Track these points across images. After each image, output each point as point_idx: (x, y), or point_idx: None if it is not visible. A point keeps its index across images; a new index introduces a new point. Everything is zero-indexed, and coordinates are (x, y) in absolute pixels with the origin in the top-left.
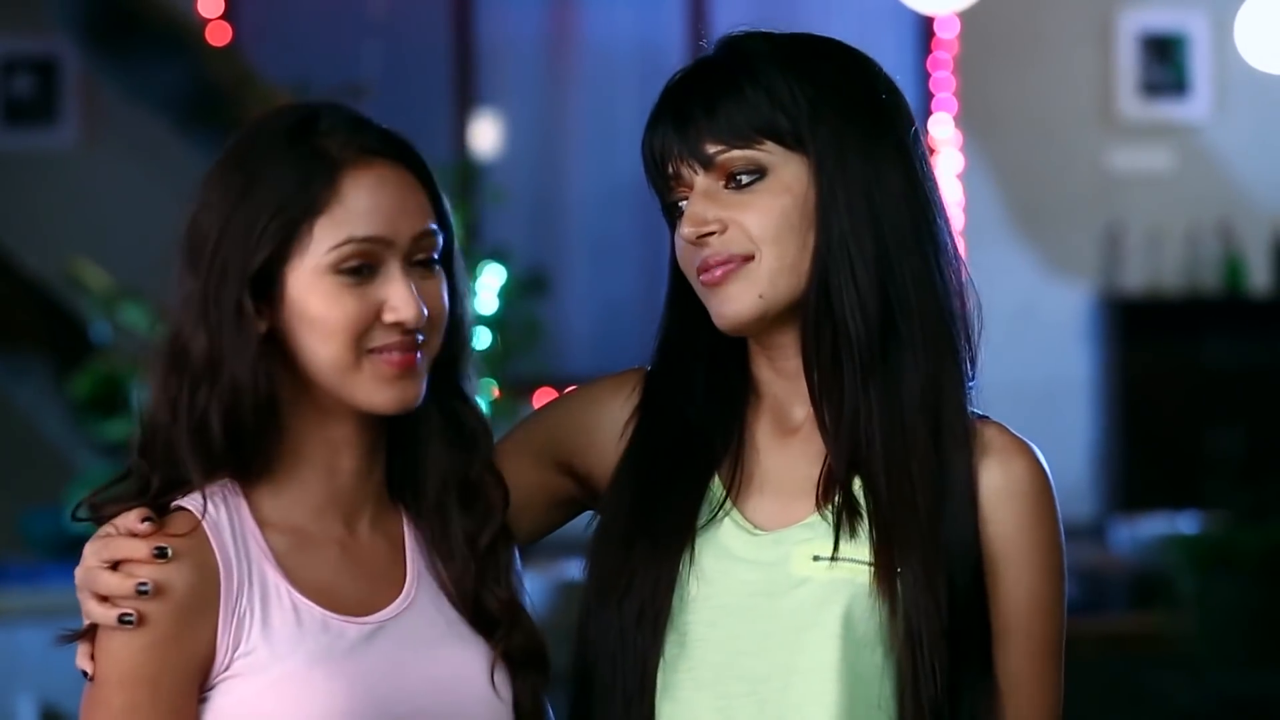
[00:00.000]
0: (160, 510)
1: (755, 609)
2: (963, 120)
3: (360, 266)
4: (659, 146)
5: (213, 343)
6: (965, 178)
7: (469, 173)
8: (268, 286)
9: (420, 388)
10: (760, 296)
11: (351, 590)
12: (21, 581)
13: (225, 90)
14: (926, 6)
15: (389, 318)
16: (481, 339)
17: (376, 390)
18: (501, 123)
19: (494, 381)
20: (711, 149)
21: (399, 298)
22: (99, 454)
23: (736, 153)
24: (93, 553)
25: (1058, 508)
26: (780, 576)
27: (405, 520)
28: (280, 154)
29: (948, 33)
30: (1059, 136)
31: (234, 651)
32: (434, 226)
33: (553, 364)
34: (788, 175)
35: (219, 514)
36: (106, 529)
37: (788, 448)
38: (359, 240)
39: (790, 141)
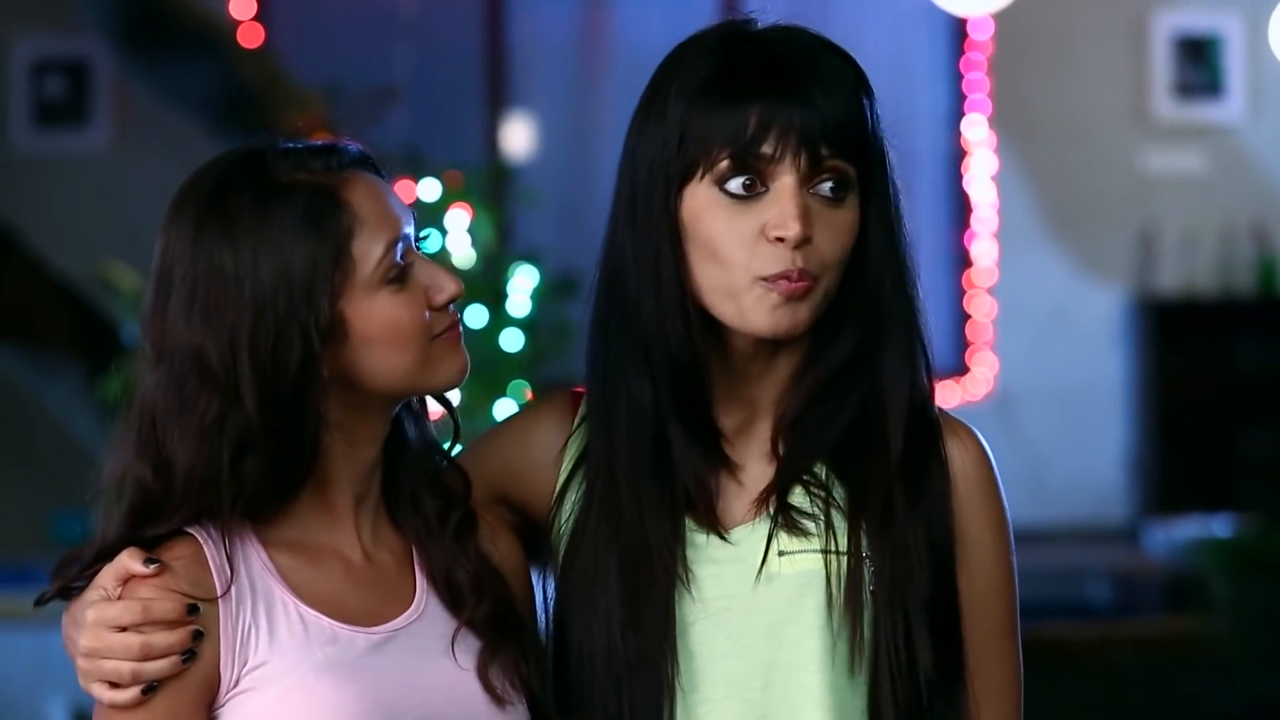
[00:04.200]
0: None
1: (726, 610)
2: (996, 122)
3: (404, 268)
4: (764, 119)
5: (265, 405)
6: (999, 180)
7: (501, 175)
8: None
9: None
10: (810, 321)
11: (359, 602)
12: None
13: (257, 92)
14: (960, 8)
15: (440, 299)
16: (514, 342)
17: (446, 369)
18: (533, 125)
19: (526, 384)
20: (825, 149)
21: (440, 277)
22: None
23: (841, 162)
24: (97, 619)
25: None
26: (747, 574)
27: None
28: (265, 193)
29: (981, 34)
30: (1093, 138)
31: (241, 668)
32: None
33: (584, 366)
34: (852, 203)
35: (214, 531)
36: (101, 585)
37: (741, 444)
38: (394, 243)
39: (861, 167)
